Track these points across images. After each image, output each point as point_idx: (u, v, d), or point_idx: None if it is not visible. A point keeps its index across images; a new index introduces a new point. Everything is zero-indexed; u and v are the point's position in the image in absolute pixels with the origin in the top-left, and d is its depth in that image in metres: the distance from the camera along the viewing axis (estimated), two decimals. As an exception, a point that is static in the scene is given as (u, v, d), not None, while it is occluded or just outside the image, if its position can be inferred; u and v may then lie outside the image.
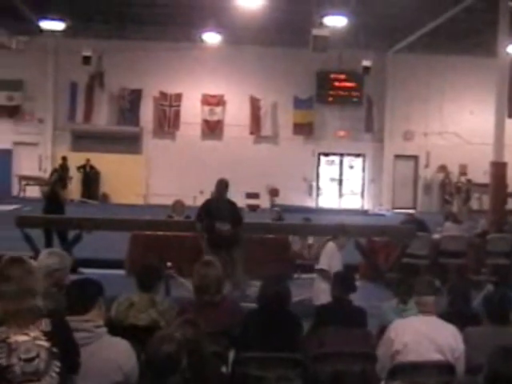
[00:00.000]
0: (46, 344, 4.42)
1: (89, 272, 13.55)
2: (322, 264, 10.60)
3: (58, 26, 25.87)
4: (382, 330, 6.79)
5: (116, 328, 5.94)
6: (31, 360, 4.36)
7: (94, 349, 4.92)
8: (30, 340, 4.40)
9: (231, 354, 6.58)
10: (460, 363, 6.17)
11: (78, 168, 31.69)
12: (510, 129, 22.70)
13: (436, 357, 6.12)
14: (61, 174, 18.78)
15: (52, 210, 15.33)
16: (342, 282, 7.95)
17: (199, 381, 4.68)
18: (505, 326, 6.58)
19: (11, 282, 4.52)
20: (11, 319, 4.42)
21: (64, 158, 30.73)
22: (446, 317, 6.56)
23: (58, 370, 4.45)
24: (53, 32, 27.10)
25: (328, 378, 6.25)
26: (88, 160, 31.95)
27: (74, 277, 6.23)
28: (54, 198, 16.05)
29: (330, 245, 10.83)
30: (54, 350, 4.44)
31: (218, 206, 12.31)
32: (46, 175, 24.73)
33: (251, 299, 8.98)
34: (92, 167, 32.14)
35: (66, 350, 4.54)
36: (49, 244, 14.89)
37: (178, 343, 4.50)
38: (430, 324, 6.28)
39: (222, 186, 12.52)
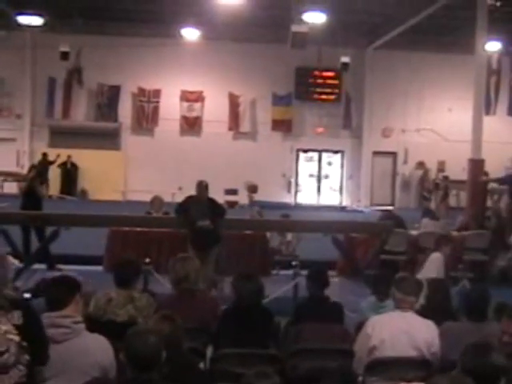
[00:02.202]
0: (16, 338, 4.40)
1: (67, 268, 13.52)
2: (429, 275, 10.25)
3: (35, 21, 25.73)
4: (360, 326, 6.82)
5: (94, 324, 5.94)
6: (1, 354, 4.34)
7: (72, 344, 4.92)
8: (1, 334, 4.37)
9: (209, 350, 6.60)
10: (436, 358, 6.21)
11: (59, 165, 31.52)
12: (488, 126, 22.81)
13: (413, 353, 6.15)
14: (39, 169, 18.65)
15: (29, 206, 15.24)
16: (318, 278, 7.98)
17: (177, 377, 4.69)
18: (482, 322, 6.62)
19: None
20: None
21: (44, 155, 30.63)
22: (424, 312, 6.61)
23: (26, 363, 4.44)
24: (30, 27, 26.96)
25: (306, 374, 6.27)
26: (69, 157, 31.79)
27: (52, 274, 6.22)
28: (31, 194, 15.95)
29: (437, 256, 10.44)
30: (24, 344, 4.43)
31: (198, 204, 12.34)
32: (24, 171, 24.64)
33: (227, 295, 9.00)
34: (73, 164, 31.99)
35: (37, 342, 4.53)
36: (26, 240, 14.86)
37: (157, 338, 4.50)
38: (408, 320, 6.31)
39: (202, 187, 12.53)
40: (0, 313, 4.42)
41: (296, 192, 34.58)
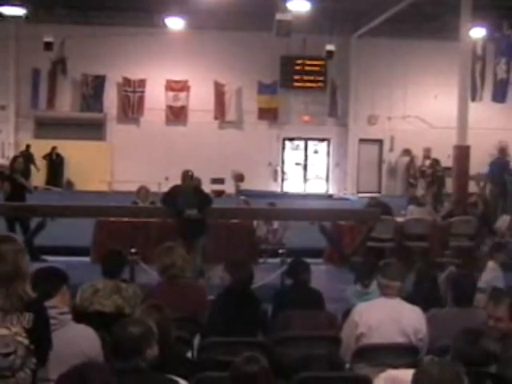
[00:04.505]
0: (25, 341, 4.37)
1: (53, 259, 13.49)
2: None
3: (19, 11, 25.60)
4: (347, 313, 6.84)
5: (81, 315, 5.94)
6: (7, 355, 4.32)
7: (58, 335, 4.90)
8: (10, 335, 4.34)
9: (196, 339, 6.60)
10: (423, 344, 6.23)
11: (44, 156, 31.42)
12: (473, 112, 22.86)
13: (400, 339, 6.17)
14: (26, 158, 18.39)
15: (13, 198, 15.11)
16: (297, 265, 8.03)
17: (164, 366, 4.68)
18: (469, 307, 6.65)
19: (4, 261, 4.40)
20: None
21: (27, 146, 30.44)
22: (411, 299, 6.62)
23: (32, 366, 4.42)
24: (14, 18, 26.80)
25: (294, 362, 6.27)
26: (54, 148, 31.66)
27: (37, 265, 6.20)
28: (19, 185, 15.83)
29: (491, 265, 10.19)
30: (32, 347, 4.41)
31: (185, 193, 12.40)
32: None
33: (215, 284, 9.02)
34: (58, 155, 31.85)
35: (42, 346, 4.51)
36: (11, 232, 14.75)
37: (146, 327, 4.50)
38: (394, 306, 6.33)
39: (187, 177, 12.61)
40: (12, 313, 4.39)
41: (282, 180, 34.57)
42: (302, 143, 34.93)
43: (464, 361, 4.43)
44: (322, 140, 34.82)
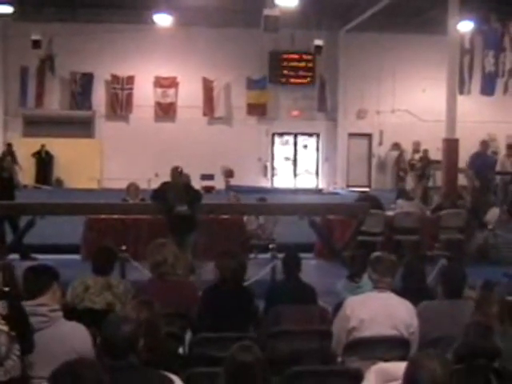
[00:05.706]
0: (5, 328, 4.37)
1: (44, 258, 13.46)
2: None
3: (6, 9, 25.51)
4: (338, 307, 6.85)
5: (71, 312, 5.94)
6: None
7: (49, 333, 4.91)
8: None
9: (188, 335, 6.60)
10: (414, 338, 6.25)
11: (33, 154, 31.34)
12: (462, 105, 22.91)
13: (391, 332, 6.18)
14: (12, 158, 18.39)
15: (2, 197, 15.07)
16: (290, 260, 8.04)
17: (156, 362, 4.68)
18: (459, 300, 6.67)
19: None
20: None
21: (9, 145, 30.16)
22: (401, 292, 6.64)
23: (18, 353, 4.42)
24: (1, 16, 26.70)
25: (286, 356, 6.28)
26: (43, 146, 31.58)
27: (28, 263, 6.21)
28: (7, 184, 15.79)
29: None
30: (13, 333, 4.41)
31: (175, 189, 12.41)
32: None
33: (205, 281, 9.02)
34: (47, 153, 31.77)
35: (23, 331, 4.51)
36: (1, 231, 14.74)
37: (135, 324, 4.49)
38: (386, 300, 6.34)
39: (176, 173, 12.62)
40: None
41: (272, 176, 34.56)
42: (291, 138, 34.91)
43: (474, 354, 4.44)
44: (312, 135, 34.81)
